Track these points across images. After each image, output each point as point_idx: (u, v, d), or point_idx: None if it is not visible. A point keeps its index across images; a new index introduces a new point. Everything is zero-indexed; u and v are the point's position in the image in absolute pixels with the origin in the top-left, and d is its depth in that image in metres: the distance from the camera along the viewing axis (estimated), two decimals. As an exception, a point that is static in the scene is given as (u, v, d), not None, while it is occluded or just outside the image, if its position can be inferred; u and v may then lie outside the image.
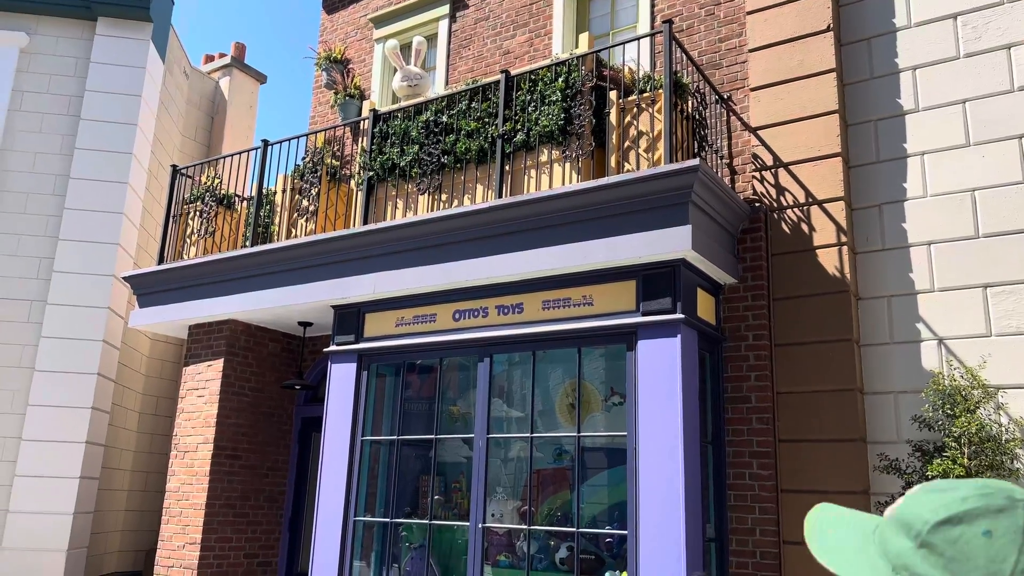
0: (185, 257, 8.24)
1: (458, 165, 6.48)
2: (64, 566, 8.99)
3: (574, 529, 5.43)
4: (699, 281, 5.60)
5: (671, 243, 5.18)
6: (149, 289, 8.16)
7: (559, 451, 6.44)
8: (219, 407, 7.46)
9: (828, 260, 5.74)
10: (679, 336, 5.19)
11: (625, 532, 5.18)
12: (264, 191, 7.91)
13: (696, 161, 5.12)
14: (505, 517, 6.05)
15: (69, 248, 9.81)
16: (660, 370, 5.20)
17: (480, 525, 5.72)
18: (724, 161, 6.36)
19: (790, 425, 5.59)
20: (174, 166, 8.71)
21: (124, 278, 8.58)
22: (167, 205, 8.57)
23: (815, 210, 5.87)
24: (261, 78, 13.87)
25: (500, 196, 6.05)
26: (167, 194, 8.73)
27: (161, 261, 8.29)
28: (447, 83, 8.41)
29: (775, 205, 6.03)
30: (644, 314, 5.35)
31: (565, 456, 6.33)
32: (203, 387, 7.66)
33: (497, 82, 6.38)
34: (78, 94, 10.32)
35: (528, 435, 5.86)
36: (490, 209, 5.87)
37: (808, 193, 5.92)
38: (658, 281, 5.36)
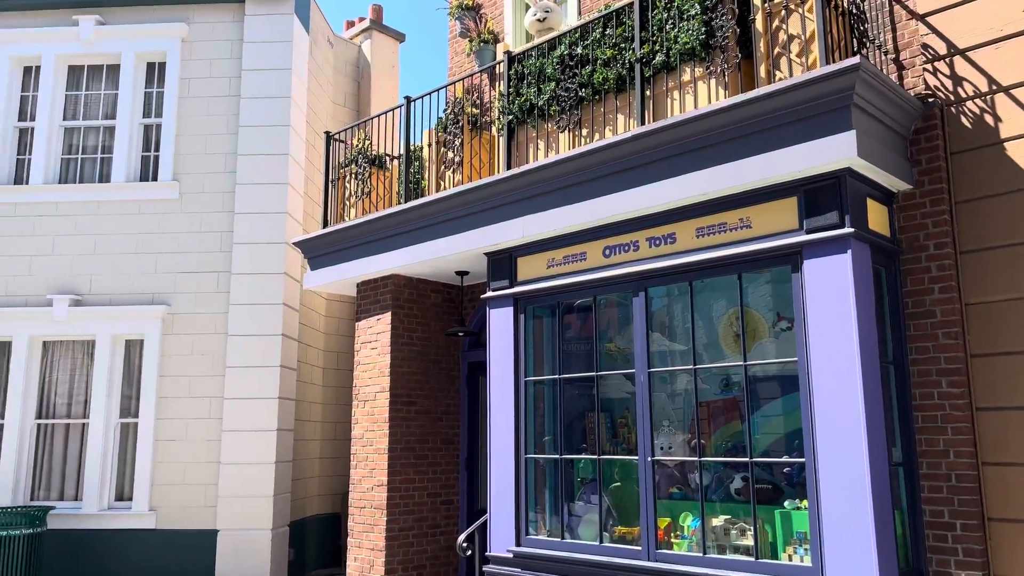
0: (346, 219, 8.64)
1: (596, 97, 6.31)
2: (272, 510, 9.92)
3: (747, 459, 5.28)
4: (868, 191, 5.17)
5: (834, 152, 4.80)
6: (317, 252, 8.65)
7: (726, 381, 6.25)
8: (391, 357, 7.84)
9: (1019, 152, 5.10)
10: (849, 252, 4.84)
11: (803, 460, 4.97)
12: (412, 147, 8.10)
13: (856, 59, 4.68)
14: (675, 450, 5.98)
15: (244, 220, 10.56)
16: (830, 290, 4.88)
17: (649, 459, 5.69)
18: (889, 56, 5.77)
19: (983, 338, 5.09)
20: (327, 133, 9.10)
21: (294, 243, 9.15)
22: (325, 171, 9.00)
23: (1000, 98, 5.21)
24: (400, 37, 14.13)
25: (642, 123, 5.84)
26: (324, 160, 9.16)
27: (325, 225, 8.75)
28: (580, 14, 8.17)
29: (951, 98, 5.42)
30: (808, 232, 5.02)
31: (733, 386, 6.15)
32: (375, 340, 8.08)
33: (631, 4, 6.11)
34: (236, 75, 10.96)
35: (691, 367, 5.72)
36: (633, 138, 5.68)
37: (991, 80, 5.26)
38: (822, 195, 5.00)
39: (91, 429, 10.18)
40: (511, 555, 6.29)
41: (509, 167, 6.82)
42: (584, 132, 6.39)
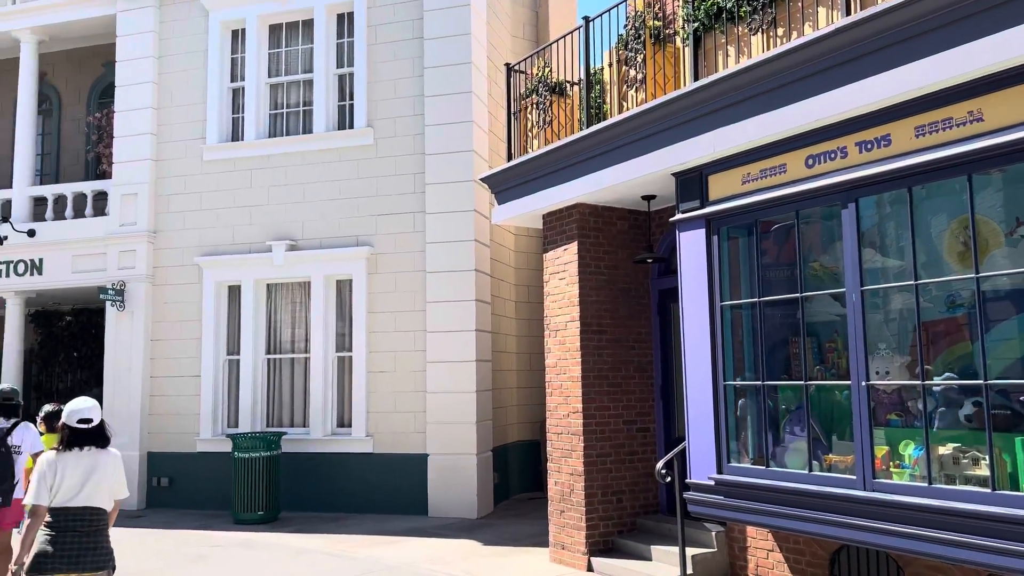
0: (529, 150, 8.62)
1: (793, -9, 5.74)
2: (476, 436, 10.39)
3: (982, 382, 4.72)
4: None
5: (1091, 20, 4.03)
6: (504, 187, 8.72)
7: (952, 299, 5.60)
8: (579, 287, 7.81)
9: None
10: (1112, 139, 4.08)
11: (1050, 383, 4.36)
12: (592, 70, 7.86)
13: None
14: (892, 374, 5.48)
15: (434, 161, 10.88)
16: (1086, 185, 4.16)
17: (863, 383, 5.26)
18: None
19: None
20: (507, 64, 9.06)
21: (481, 179, 9.29)
22: (507, 103, 9.00)
23: None
24: (575, -41, 13.73)
25: (847, 14, 5.24)
26: (505, 93, 9.15)
27: (509, 158, 8.79)
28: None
29: None
30: (1057, 119, 4.29)
31: (961, 304, 5.50)
32: (563, 270, 8.08)
33: None
34: (418, 16, 11.17)
35: (911, 283, 5.16)
36: (837, 32, 5.11)
37: None
38: (1074, 74, 4.23)
39: (312, 363, 11.14)
40: (712, 482, 6.14)
41: (696, 79, 6.42)
42: (780, 32, 5.85)
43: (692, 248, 6.47)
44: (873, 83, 5.00)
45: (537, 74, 8.51)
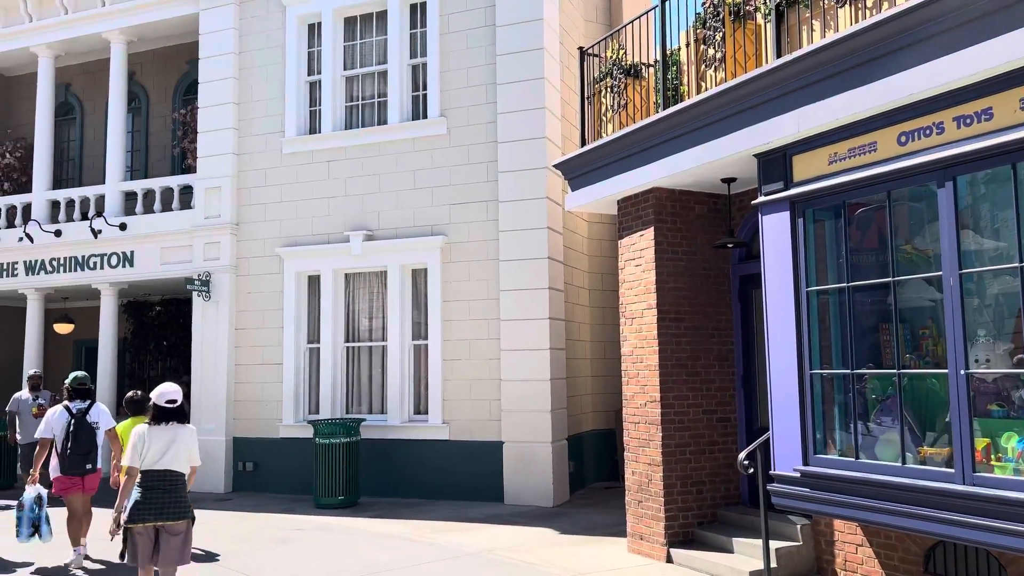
0: (603, 135, 8.48)
1: (884, -41, 5.45)
2: (550, 424, 10.35)
3: (1095, 371, 4.41)
4: None
5: None
6: (577, 172, 8.61)
7: (1060, 282, 5.24)
8: (656, 273, 7.65)
9: None
10: None
11: None
12: (668, 52, 7.67)
13: None
14: (993, 362, 5.17)
15: (507, 149, 10.84)
16: None
17: (963, 372, 4.97)
18: None
19: None
20: (580, 48, 8.93)
21: (554, 165, 9.21)
22: (580, 88, 8.88)
23: None
24: (648, -60, 13.44)
25: (945, -19, 4.93)
26: (578, 78, 9.03)
27: (583, 143, 8.67)
28: None
29: None
30: None
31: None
32: (639, 256, 7.93)
33: None
34: (490, 4, 11.12)
35: (1016, 265, 4.84)
36: (933, 0, 4.82)
37: None
38: None
39: (389, 351, 11.29)
40: (798, 474, 5.93)
41: (779, 55, 6.18)
42: (869, 3, 5.57)
43: (776, 232, 6.24)
44: (973, 54, 4.70)
45: (611, 57, 8.36)
